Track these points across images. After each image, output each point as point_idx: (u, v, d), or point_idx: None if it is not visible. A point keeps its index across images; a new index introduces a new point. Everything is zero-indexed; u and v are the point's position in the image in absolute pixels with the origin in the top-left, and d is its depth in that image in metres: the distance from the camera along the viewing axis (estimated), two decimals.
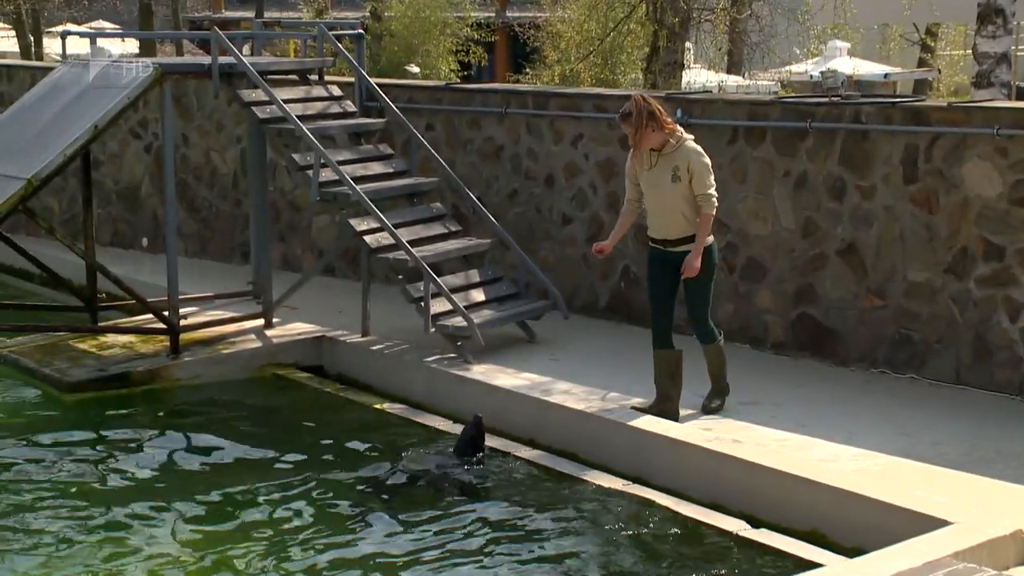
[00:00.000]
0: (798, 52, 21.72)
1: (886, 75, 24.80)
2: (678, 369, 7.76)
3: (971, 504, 6.24)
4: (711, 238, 7.59)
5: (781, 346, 9.22)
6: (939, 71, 28.00)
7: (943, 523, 5.95)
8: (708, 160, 7.56)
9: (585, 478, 7.32)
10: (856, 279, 8.80)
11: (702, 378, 8.49)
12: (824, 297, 8.97)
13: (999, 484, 6.61)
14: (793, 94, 13.20)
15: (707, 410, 7.84)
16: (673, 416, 7.65)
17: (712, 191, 7.48)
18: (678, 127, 7.63)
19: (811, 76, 22.13)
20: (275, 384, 9.44)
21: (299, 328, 10.05)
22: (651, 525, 6.68)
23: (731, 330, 9.10)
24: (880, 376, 8.65)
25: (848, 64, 23.19)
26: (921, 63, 29.05)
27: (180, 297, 9.73)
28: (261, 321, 10.13)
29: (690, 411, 7.84)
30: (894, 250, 8.61)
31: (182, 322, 9.66)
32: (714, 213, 7.50)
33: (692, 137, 7.65)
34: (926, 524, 5.96)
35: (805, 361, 9.02)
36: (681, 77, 14.87)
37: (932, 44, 28.69)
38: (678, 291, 7.71)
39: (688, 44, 16.81)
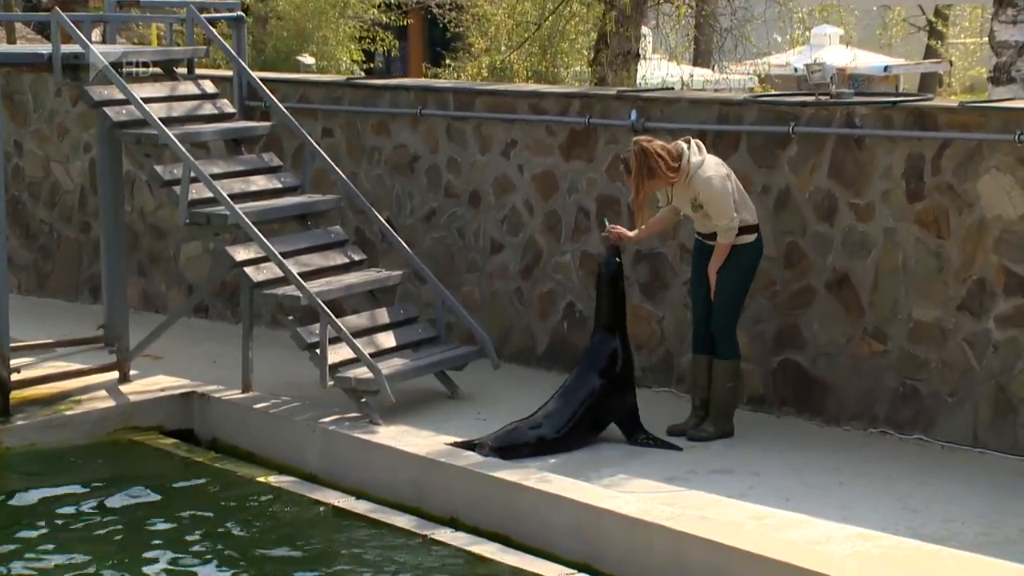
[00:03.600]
0: (779, 40, 21.97)
1: (887, 68, 25.19)
2: (708, 374, 8.74)
3: None
4: (753, 236, 8.60)
5: (759, 401, 9.29)
6: (951, 63, 28.44)
7: None
8: (720, 186, 8.43)
9: (519, 566, 7.32)
10: (850, 319, 8.90)
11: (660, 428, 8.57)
12: (811, 341, 9.05)
13: None
14: (772, 92, 13.33)
15: (691, 436, 8.59)
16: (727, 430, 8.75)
17: (727, 221, 8.47)
18: (683, 168, 8.45)
19: (795, 69, 22.45)
20: (132, 453, 9.37)
21: (163, 382, 9.99)
22: None
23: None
24: (880, 437, 8.73)
25: (840, 55, 23.51)
26: (929, 53, 29.55)
27: (12, 345, 9.64)
28: (115, 374, 10.05)
29: (648, 481, 7.89)
30: (896, 283, 8.71)
31: (14, 376, 9.56)
32: (732, 239, 8.49)
33: (702, 160, 8.48)
34: None
35: (789, 419, 9.09)
36: (636, 70, 15.00)
37: (943, 30, 29.17)
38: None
39: (645, 30, 16.96)
